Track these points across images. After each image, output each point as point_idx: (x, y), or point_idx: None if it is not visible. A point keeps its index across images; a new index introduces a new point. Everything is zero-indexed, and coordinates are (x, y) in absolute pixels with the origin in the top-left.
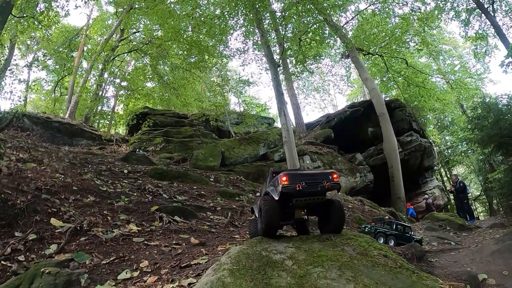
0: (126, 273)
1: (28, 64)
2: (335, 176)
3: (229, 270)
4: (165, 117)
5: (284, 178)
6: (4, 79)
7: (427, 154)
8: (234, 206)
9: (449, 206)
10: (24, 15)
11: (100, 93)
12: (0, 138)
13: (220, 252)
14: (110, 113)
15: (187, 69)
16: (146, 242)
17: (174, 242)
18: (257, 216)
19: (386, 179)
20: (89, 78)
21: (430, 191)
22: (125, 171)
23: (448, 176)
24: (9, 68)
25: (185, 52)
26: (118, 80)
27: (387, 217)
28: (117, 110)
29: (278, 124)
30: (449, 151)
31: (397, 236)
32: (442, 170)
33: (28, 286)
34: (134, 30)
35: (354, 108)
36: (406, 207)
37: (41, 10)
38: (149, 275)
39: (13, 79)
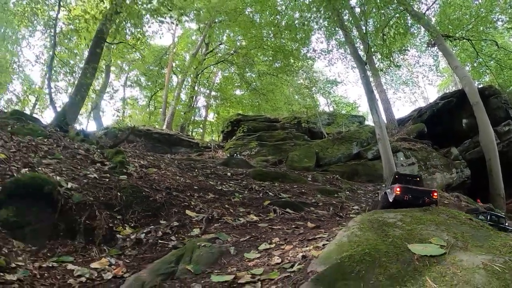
0: (265, 245)
1: (123, 84)
2: (435, 194)
3: (357, 228)
4: (257, 122)
5: (398, 189)
6: (102, 99)
7: None
8: (334, 202)
9: None
10: (115, 42)
11: (193, 104)
12: (121, 150)
13: (336, 231)
14: (202, 122)
15: (274, 74)
16: (270, 227)
17: (293, 226)
18: (379, 200)
19: (483, 175)
20: (182, 90)
21: None
22: (228, 173)
23: None
24: (106, 90)
25: (270, 58)
26: (207, 91)
27: (482, 209)
28: (209, 119)
29: (368, 122)
30: None
31: (491, 226)
32: None
33: (190, 255)
34: (219, 43)
35: (446, 99)
36: (505, 204)
37: (133, 35)
38: (284, 245)
39: (112, 99)
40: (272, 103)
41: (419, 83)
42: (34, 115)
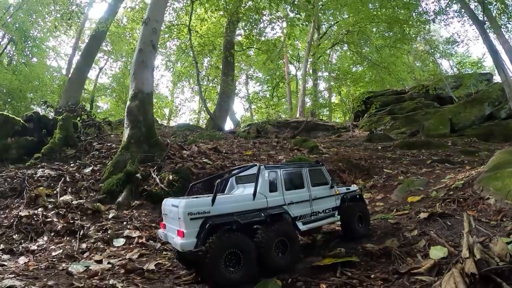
0: (448, 177)
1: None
2: None
3: (499, 154)
4: (386, 97)
5: None
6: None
7: None
8: (476, 160)
9: None
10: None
11: (317, 89)
12: (307, 138)
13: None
14: (327, 104)
15: (392, 46)
16: (441, 172)
17: (457, 170)
18: None
19: None
20: (306, 79)
21: None
22: (379, 147)
23: None
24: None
25: (385, 30)
26: (326, 74)
27: None
28: (332, 100)
29: (496, 77)
30: None
31: None
32: None
33: (410, 183)
34: (330, 25)
35: None
36: None
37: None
38: (458, 175)
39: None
40: (395, 75)
41: None
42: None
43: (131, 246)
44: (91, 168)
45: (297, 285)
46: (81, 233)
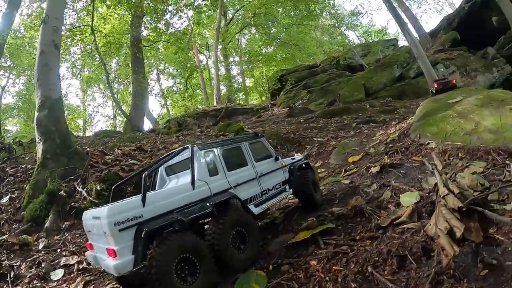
0: (378, 134)
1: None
2: (453, 81)
3: (425, 103)
4: (299, 73)
5: (435, 85)
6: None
7: None
8: (396, 116)
9: None
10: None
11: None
12: (230, 122)
13: (411, 120)
14: (242, 88)
15: (300, 23)
16: (370, 131)
17: (384, 127)
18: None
19: None
20: (218, 66)
21: None
22: (301, 120)
23: None
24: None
25: (292, 9)
26: (237, 58)
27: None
28: (246, 83)
29: (401, 42)
30: None
31: None
32: None
33: (344, 146)
34: (236, 10)
35: (470, 2)
36: None
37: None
38: (387, 130)
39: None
40: (306, 50)
41: None
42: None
43: (72, 275)
44: (8, 196)
45: (282, 269)
46: (11, 275)
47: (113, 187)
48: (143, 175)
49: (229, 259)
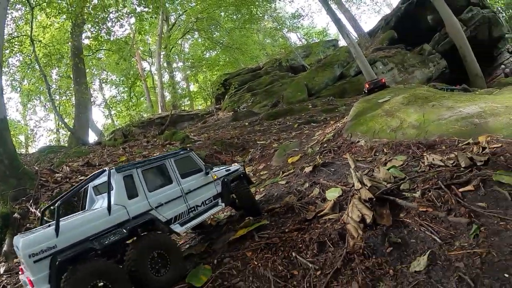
0: (318, 134)
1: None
2: (383, 80)
3: (358, 103)
4: (242, 76)
5: (366, 85)
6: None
7: (493, 24)
8: (337, 114)
9: None
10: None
11: (174, 81)
12: (176, 130)
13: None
14: (187, 94)
15: (242, 27)
16: (310, 131)
17: (323, 126)
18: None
19: (460, 61)
20: (162, 73)
21: (507, 61)
22: (246, 123)
23: None
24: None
25: (233, 13)
26: (181, 64)
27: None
28: (191, 88)
29: (341, 42)
30: None
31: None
32: None
33: (285, 148)
34: (178, 15)
35: (407, 2)
36: (485, 83)
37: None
38: (324, 130)
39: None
40: (248, 53)
41: None
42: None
43: None
44: None
45: (224, 261)
46: None
47: (42, 210)
48: (56, 205)
49: (147, 283)
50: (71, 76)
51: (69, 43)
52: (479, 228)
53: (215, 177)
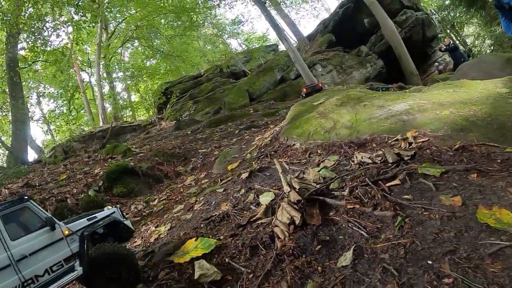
0: (258, 138)
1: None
2: (319, 85)
3: (294, 107)
4: (184, 84)
5: (304, 90)
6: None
7: (427, 26)
8: (278, 118)
9: None
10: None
11: (114, 91)
12: (116, 143)
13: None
14: (128, 104)
15: (182, 34)
16: (250, 136)
17: (263, 131)
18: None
19: (396, 61)
20: (102, 83)
21: (440, 59)
22: (189, 132)
23: (459, 38)
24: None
25: (174, 21)
26: (121, 74)
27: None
28: (132, 98)
29: (281, 47)
30: (451, 15)
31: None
32: (452, 34)
33: (225, 154)
34: (118, 23)
35: (344, 7)
36: (420, 80)
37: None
38: (264, 134)
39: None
40: (189, 61)
41: None
42: None
43: None
44: None
45: (161, 274)
46: None
47: None
48: None
49: None
50: (7, 90)
51: (4, 55)
52: (404, 220)
53: (67, 232)
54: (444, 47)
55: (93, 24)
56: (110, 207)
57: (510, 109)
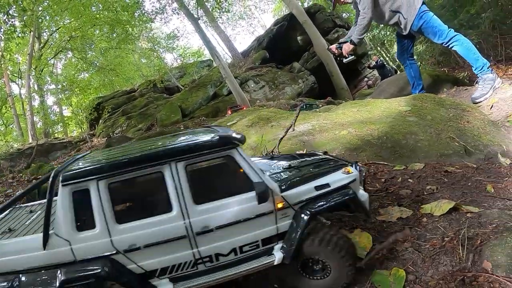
0: None
1: None
2: (244, 107)
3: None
4: (117, 99)
5: (229, 112)
6: None
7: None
8: None
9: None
10: None
11: (45, 105)
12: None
13: None
14: (60, 119)
15: (117, 47)
16: None
17: None
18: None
19: (328, 77)
20: (32, 96)
21: (370, 74)
22: None
23: (389, 55)
24: None
25: (108, 33)
26: (52, 86)
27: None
28: (65, 113)
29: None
30: (382, 33)
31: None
32: (382, 52)
33: None
34: (51, 32)
35: (278, 24)
36: (350, 94)
37: None
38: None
39: None
40: (123, 75)
41: (253, 14)
42: None
43: None
44: None
45: None
46: None
47: None
48: None
49: None
50: None
51: None
52: None
53: (281, 204)
54: (373, 64)
55: (25, 33)
56: (350, 169)
57: (407, 127)
